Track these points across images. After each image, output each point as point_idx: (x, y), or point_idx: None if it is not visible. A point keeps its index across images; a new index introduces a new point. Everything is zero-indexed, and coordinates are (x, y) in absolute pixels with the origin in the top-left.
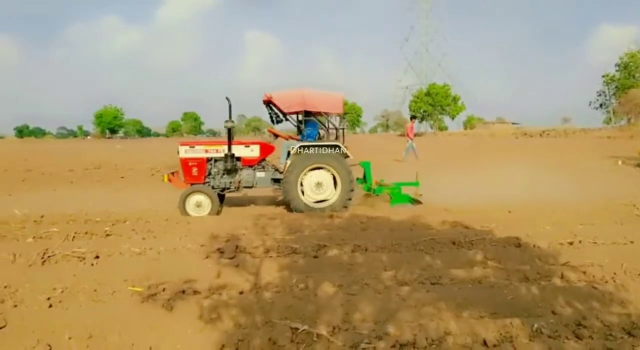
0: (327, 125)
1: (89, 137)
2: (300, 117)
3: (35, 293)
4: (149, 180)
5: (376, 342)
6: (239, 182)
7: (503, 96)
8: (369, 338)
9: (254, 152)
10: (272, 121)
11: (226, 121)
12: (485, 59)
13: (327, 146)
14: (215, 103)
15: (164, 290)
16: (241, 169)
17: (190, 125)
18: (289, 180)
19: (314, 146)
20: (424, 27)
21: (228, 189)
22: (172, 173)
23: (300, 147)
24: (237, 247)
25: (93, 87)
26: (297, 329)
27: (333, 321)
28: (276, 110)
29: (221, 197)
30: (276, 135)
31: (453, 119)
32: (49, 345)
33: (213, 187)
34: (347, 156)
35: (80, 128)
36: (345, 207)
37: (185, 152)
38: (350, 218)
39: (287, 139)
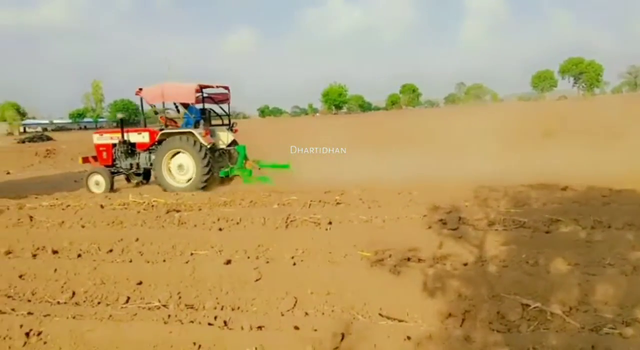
0: (208, 113)
1: (317, 114)
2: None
3: (281, 252)
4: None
5: (622, 327)
6: (138, 163)
7: None
8: (613, 323)
9: (144, 138)
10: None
11: (118, 112)
12: None
13: (183, 133)
14: (432, 74)
15: (390, 256)
16: (139, 153)
17: (409, 97)
18: (155, 163)
19: (173, 133)
20: None
21: (130, 169)
22: (93, 157)
23: (162, 135)
24: (459, 218)
25: (321, 67)
26: (527, 305)
27: (569, 301)
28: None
29: (147, 175)
30: (166, 124)
31: None
32: (295, 298)
33: (121, 168)
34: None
35: (310, 106)
36: (202, 187)
37: (97, 139)
38: (587, 191)
39: (173, 127)
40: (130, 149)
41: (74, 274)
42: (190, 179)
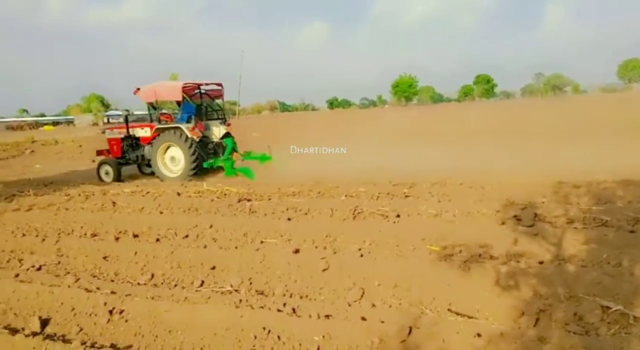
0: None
1: (386, 106)
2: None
3: (349, 243)
4: (437, 145)
5: None
6: (143, 155)
7: None
8: None
9: (147, 132)
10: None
11: (124, 110)
12: None
13: (172, 128)
14: (508, 64)
15: (460, 252)
16: (143, 146)
17: (483, 88)
18: (152, 155)
19: (165, 128)
20: None
21: (137, 161)
22: (107, 150)
23: (156, 130)
24: (535, 215)
25: (392, 58)
26: (608, 307)
27: None
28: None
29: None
30: (159, 119)
31: None
32: (362, 289)
33: (130, 160)
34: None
35: (379, 97)
36: (190, 176)
37: (108, 134)
38: None
39: (170, 122)
40: (135, 142)
41: (152, 257)
42: (181, 169)
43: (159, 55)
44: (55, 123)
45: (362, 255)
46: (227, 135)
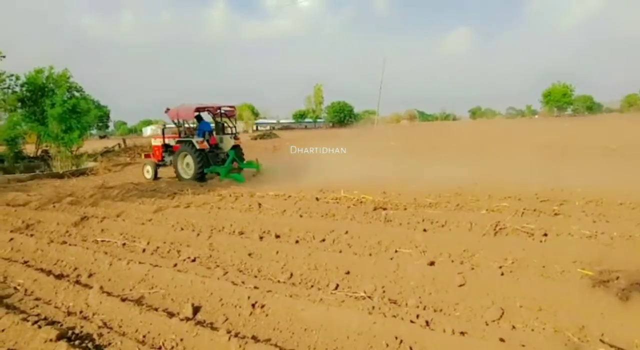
0: (220, 126)
1: (536, 116)
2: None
3: (488, 260)
4: (594, 160)
5: None
6: (172, 160)
7: None
8: None
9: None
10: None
11: (160, 124)
12: None
13: (185, 141)
14: None
15: (617, 278)
16: (173, 153)
17: None
18: (174, 161)
19: (182, 141)
20: None
21: (170, 164)
22: (152, 153)
23: (177, 141)
24: None
25: (544, 65)
26: None
27: None
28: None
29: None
30: (180, 133)
31: None
32: (502, 309)
33: (165, 162)
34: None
35: (528, 107)
36: (198, 180)
37: (153, 142)
38: None
39: (192, 136)
40: (169, 150)
41: (291, 258)
42: (192, 173)
43: (306, 67)
44: None
45: (502, 274)
46: (235, 147)
